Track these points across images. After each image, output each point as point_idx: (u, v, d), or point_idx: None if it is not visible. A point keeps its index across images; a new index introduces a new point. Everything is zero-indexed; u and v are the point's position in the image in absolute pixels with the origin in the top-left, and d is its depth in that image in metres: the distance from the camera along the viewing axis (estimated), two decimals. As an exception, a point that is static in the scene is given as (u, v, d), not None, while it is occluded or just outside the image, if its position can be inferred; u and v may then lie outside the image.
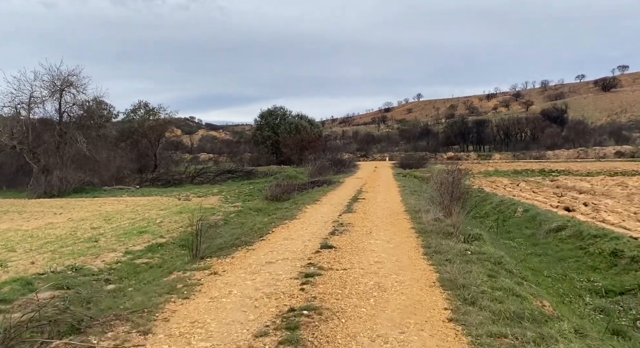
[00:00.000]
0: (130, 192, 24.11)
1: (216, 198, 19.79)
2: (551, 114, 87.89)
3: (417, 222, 9.58)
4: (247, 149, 73.66)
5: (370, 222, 9.64)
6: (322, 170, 32.00)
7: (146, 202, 19.07)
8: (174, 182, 29.45)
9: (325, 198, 15.27)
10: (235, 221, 13.50)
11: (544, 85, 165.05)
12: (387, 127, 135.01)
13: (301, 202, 14.69)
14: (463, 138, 77.64)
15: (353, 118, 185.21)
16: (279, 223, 9.79)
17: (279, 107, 53.19)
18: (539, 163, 44.98)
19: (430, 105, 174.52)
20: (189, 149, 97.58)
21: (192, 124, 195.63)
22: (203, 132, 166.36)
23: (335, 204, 13.38)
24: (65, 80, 22.97)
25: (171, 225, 12.16)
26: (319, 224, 9.51)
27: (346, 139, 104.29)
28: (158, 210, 16.11)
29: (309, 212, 11.81)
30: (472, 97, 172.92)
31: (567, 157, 55.42)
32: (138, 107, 33.24)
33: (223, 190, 23.92)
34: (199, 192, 22.84)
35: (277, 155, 52.62)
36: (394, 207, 12.53)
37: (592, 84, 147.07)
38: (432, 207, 10.76)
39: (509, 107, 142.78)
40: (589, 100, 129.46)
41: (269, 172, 32.09)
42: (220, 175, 30.84)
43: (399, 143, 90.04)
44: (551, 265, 8.65)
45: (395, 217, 10.57)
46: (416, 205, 12.52)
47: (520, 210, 13.41)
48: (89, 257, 8.05)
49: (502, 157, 60.00)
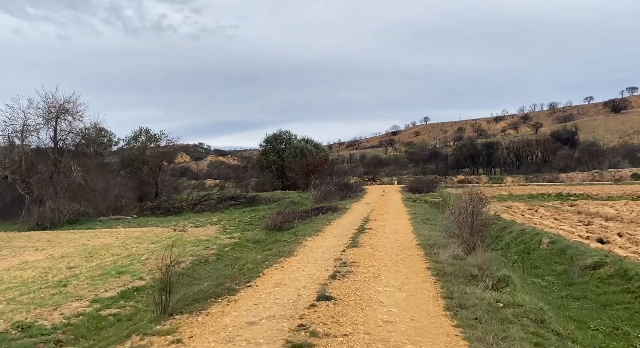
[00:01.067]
0: (126, 223, 23.00)
1: (214, 229, 18.59)
2: (562, 135, 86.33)
3: (433, 259, 8.27)
4: (254, 174, 72.84)
5: (378, 260, 8.35)
6: (327, 195, 30.79)
7: (139, 233, 17.92)
8: (174, 210, 28.35)
9: (328, 228, 14.01)
10: (230, 256, 12.26)
11: (552, 108, 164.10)
12: (394, 150, 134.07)
13: (302, 232, 13.43)
14: (473, 161, 76.22)
15: (360, 141, 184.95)
16: (273, 262, 8.54)
17: (284, 131, 52.49)
18: (553, 186, 43.34)
19: (438, 128, 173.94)
20: (196, 175, 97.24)
21: (201, 150, 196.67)
22: (211, 158, 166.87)
23: (339, 236, 12.10)
24: (60, 108, 22.31)
25: (157, 262, 10.93)
26: (318, 263, 8.24)
27: (353, 162, 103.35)
28: (149, 243, 14.92)
29: (309, 246, 10.54)
30: (480, 120, 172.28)
31: (582, 180, 53.61)
32: (139, 133, 32.59)
33: (223, 218, 22.74)
34: (198, 222, 21.67)
35: (282, 180, 51.56)
36: (405, 239, 11.22)
37: (601, 105, 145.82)
38: (449, 241, 9.47)
39: (518, 129, 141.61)
40: (600, 122, 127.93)
41: (273, 198, 30.93)
42: (222, 203, 29.71)
43: (407, 166, 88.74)
44: (595, 313, 7.25)
45: (407, 252, 9.27)
46: (430, 237, 11.20)
47: (546, 242, 12.01)
48: (47, 309, 6.83)
49: (515, 179, 58.29)
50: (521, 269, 10.53)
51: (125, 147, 32.80)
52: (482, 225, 9.16)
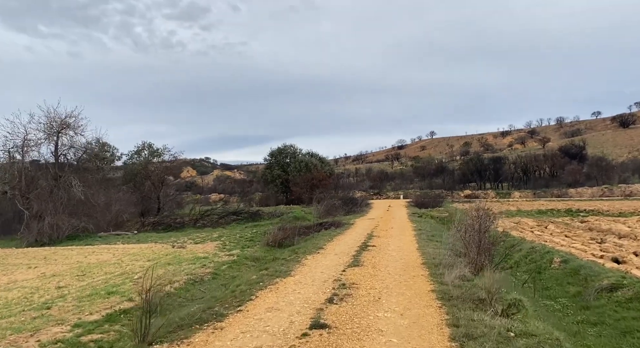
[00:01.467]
0: (126, 238, 22.64)
1: (213, 245, 18.15)
2: (570, 150, 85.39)
3: (438, 281, 7.75)
4: (259, 189, 72.49)
5: (380, 282, 7.85)
6: (331, 210, 30.29)
7: (137, 250, 17.51)
8: (176, 225, 28.00)
9: (330, 246, 13.51)
10: (226, 275, 11.80)
11: (559, 122, 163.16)
12: (400, 165, 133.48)
13: (303, 250, 12.95)
14: (480, 175, 75.41)
15: (366, 155, 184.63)
16: (268, 283, 8.07)
17: (289, 145, 52.26)
18: (562, 202, 42.51)
19: (444, 143, 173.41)
20: (201, 190, 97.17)
21: (207, 165, 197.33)
22: (218, 172, 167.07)
23: (340, 254, 11.60)
24: (62, 122, 22.19)
25: (149, 282, 10.47)
26: (316, 284, 7.76)
27: (359, 176, 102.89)
28: (145, 260, 14.50)
29: (308, 264, 10.06)
30: (487, 135, 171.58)
31: (591, 195, 52.67)
32: (142, 148, 32.45)
33: (224, 234, 22.31)
34: (198, 238, 21.26)
35: (287, 194, 51.14)
36: (410, 257, 10.70)
37: (609, 120, 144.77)
38: (455, 260, 8.96)
39: (525, 144, 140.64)
40: (608, 137, 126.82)
41: (276, 213, 30.48)
42: (224, 218, 29.30)
43: (413, 180, 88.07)
44: (615, 341, 6.68)
45: (410, 272, 8.76)
46: (436, 255, 10.67)
47: (558, 261, 11.42)
48: (24, 335, 6.39)
49: (522, 195, 57.45)
50: (532, 290, 9.96)
51: (128, 162, 32.67)
52: (490, 243, 8.65)
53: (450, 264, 8.84)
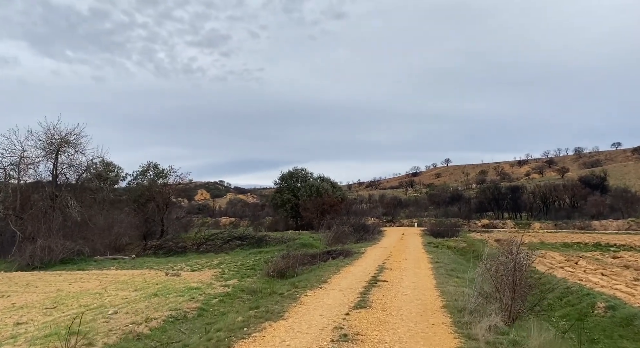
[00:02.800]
0: (122, 263, 21.35)
1: (211, 273, 16.70)
2: (591, 181, 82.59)
3: (465, 333, 6.19)
4: (270, 213, 71.22)
5: (391, 332, 6.32)
6: (341, 237, 28.68)
7: (128, 277, 16.16)
8: (177, 250, 26.70)
9: (336, 279, 11.98)
10: (215, 311, 10.32)
11: (578, 152, 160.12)
12: (415, 192, 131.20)
13: (304, 283, 11.44)
14: (497, 204, 73.02)
15: (380, 182, 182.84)
16: (253, 329, 6.60)
17: (299, 169, 51.13)
18: (587, 234, 40.10)
19: (459, 170, 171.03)
20: (212, 213, 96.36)
21: (221, 188, 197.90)
22: (231, 196, 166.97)
23: (346, 289, 10.07)
24: (62, 140, 21.38)
25: (125, 319, 9.07)
26: (311, 333, 6.27)
27: (372, 202, 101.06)
28: (131, 290, 13.13)
29: (306, 303, 8.56)
30: (503, 163, 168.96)
31: (617, 228, 49.92)
32: (147, 168, 31.57)
33: (225, 260, 20.86)
34: (197, 264, 19.84)
35: (297, 219, 49.67)
36: (427, 298, 9.12)
37: (629, 152, 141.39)
38: (483, 304, 7.38)
39: (543, 173, 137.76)
40: (630, 168, 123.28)
41: (283, 238, 28.97)
42: (229, 243, 27.91)
43: (427, 208, 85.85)
44: None
45: (429, 319, 7.20)
46: (458, 295, 9.08)
47: (602, 306, 9.70)
48: None
49: (543, 226, 54.84)
50: (576, 342, 8.27)
51: (133, 183, 31.79)
52: (528, 286, 7.08)
53: (478, 310, 7.27)
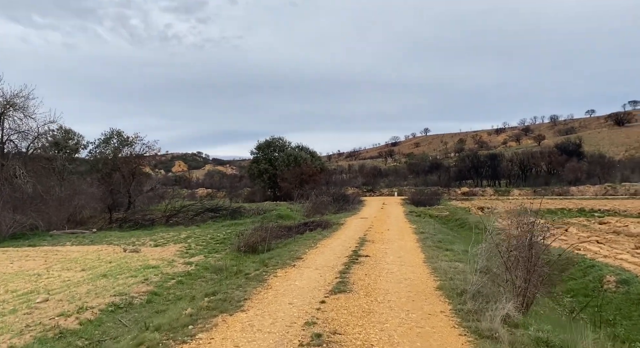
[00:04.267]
0: (80, 238, 19.52)
1: (175, 249, 15.14)
2: (567, 148, 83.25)
3: (473, 329, 4.82)
4: (248, 184, 69.52)
5: (378, 328, 4.91)
6: (320, 207, 27.35)
7: (81, 254, 14.44)
8: (145, 223, 24.92)
9: (311, 254, 10.57)
10: (170, 295, 8.81)
11: (553, 120, 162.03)
12: (394, 161, 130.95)
13: (276, 260, 9.99)
14: (476, 172, 72.93)
15: (360, 152, 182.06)
16: (201, 326, 5.10)
17: (277, 138, 49.19)
18: (568, 200, 39.97)
19: (438, 140, 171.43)
20: (188, 184, 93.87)
21: (199, 159, 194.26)
22: (209, 167, 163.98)
23: (323, 268, 8.67)
24: (7, 103, 18.95)
25: (55, 309, 7.46)
26: (274, 333, 4.81)
27: (352, 173, 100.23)
28: (78, 270, 11.47)
29: (275, 287, 7.11)
30: (481, 132, 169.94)
31: (594, 193, 50.24)
32: (110, 136, 29.13)
33: (194, 234, 19.28)
34: (162, 239, 18.20)
35: (274, 190, 48.12)
36: (417, 276, 7.78)
37: (603, 119, 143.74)
38: (489, 288, 6.05)
39: (520, 141, 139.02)
40: (604, 135, 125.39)
41: (259, 210, 27.48)
42: (201, 215, 26.27)
43: (407, 177, 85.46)
44: None
45: (423, 305, 5.84)
46: (452, 273, 7.77)
47: (613, 280, 8.58)
48: None
49: (522, 192, 54.85)
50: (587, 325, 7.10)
51: (94, 151, 29.39)
52: (545, 265, 5.75)
53: (481, 293, 5.94)
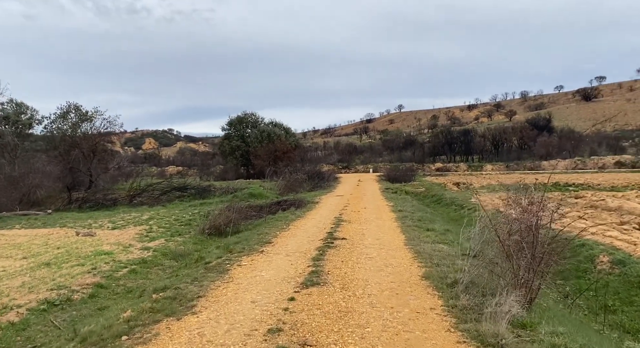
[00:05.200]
0: (32, 220, 17.92)
1: (135, 231, 13.89)
2: (538, 123, 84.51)
3: (472, 332, 3.96)
4: (220, 162, 67.68)
5: (358, 335, 4.00)
6: (294, 185, 26.37)
7: (28, 238, 13.03)
8: (107, 203, 23.36)
9: (282, 238, 9.61)
10: (118, 287, 7.71)
11: (523, 96, 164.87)
12: (369, 138, 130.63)
13: (242, 245, 8.98)
14: (450, 148, 73.23)
15: (335, 129, 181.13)
16: (137, 339, 4.06)
17: (249, 114, 47.39)
18: (540, 174, 40.23)
19: (412, 116, 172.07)
20: (157, 162, 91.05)
21: (170, 136, 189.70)
22: (181, 144, 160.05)
23: (294, 254, 7.73)
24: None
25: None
26: (231, 342, 3.82)
27: (327, 149, 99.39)
28: (19, 257, 10.17)
29: (237, 279, 6.12)
30: (453, 108, 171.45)
31: (565, 168, 51.10)
32: (67, 110, 26.98)
33: (158, 215, 17.99)
34: (123, 220, 16.84)
35: (247, 167, 46.72)
36: (400, 262, 6.93)
37: (571, 94, 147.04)
38: (484, 278, 5.24)
39: (491, 117, 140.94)
40: (572, 110, 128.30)
41: (230, 188, 26.23)
42: (168, 194, 24.85)
43: (382, 153, 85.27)
44: None
45: (409, 299, 4.98)
46: (438, 257, 6.95)
47: (607, 261, 7.98)
48: None
49: (495, 167, 55.36)
50: (585, 313, 6.46)
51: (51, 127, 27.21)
52: (552, 252, 4.96)
53: (475, 284, 5.12)
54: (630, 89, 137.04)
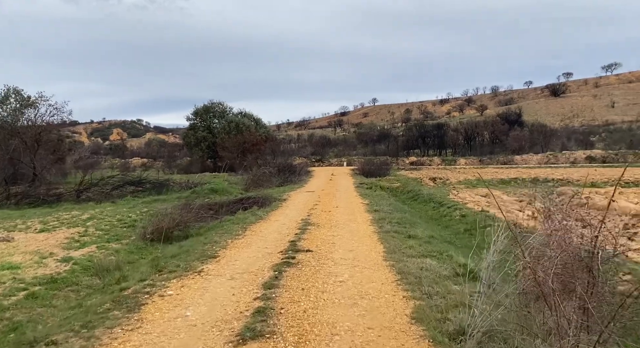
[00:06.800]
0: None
1: (65, 235, 11.71)
2: (509, 117, 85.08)
3: None
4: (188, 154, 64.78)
5: None
6: (261, 180, 24.40)
7: None
8: (50, 199, 20.84)
9: (233, 249, 7.77)
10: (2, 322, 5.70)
11: (494, 91, 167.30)
12: (343, 131, 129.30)
13: (179, 260, 7.09)
14: (424, 142, 72.65)
15: (309, 122, 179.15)
16: None
17: (217, 103, 44.83)
18: (516, 169, 39.70)
19: (386, 110, 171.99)
20: (122, 154, 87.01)
21: (140, 127, 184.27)
22: (151, 135, 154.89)
23: (242, 275, 5.91)
24: None
25: None
26: None
27: (301, 142, 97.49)
28: None
29: (147, 325, 4.26)
30: (426, 102, 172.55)
31: (538, 162, 51.01)
32: (7, 95, 24.02)
33: (102, 213, 15.72)
34: (58, 220, 14.51)
35: (215, 160, 44.31)
36: (378, 289, 5.22)
37: (539, 90, 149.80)
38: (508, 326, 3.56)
39: (463, 111, 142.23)
40: (541, 105, 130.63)
41: (190, 183, 24.04)
42: (120, 188, 22.47)
43: (356, 147, 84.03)
44: None
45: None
46: (427, 280, 5.28)
47: (627, 278, 6.51)
48: None
49: (468, 161, 54.86)
50: None
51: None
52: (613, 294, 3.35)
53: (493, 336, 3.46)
54: (596, 85, 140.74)
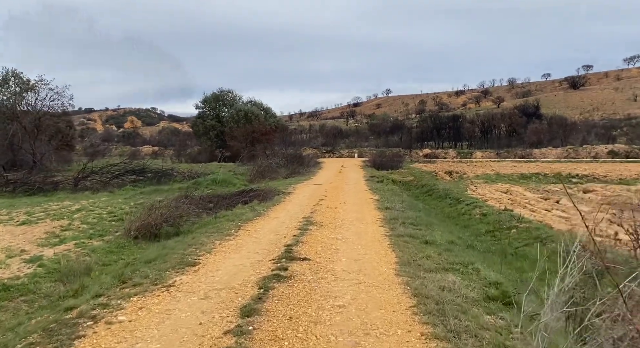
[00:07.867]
0: None
1: (46, 229, 10.72)
2: (527, 110, 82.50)
3: None
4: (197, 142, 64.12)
5: None
6: (267, 171, 23.29)
7: None
8: (46, 187, 20.02)
9: (220, 253, 6.64)
10: None
11: (511, 83, 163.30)
12: (356, 122, 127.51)
13: (153, 267, 5.97)
14: (438, 133, 70.77)
15: (321, 112, 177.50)
16: None
17: (226, 91, 43.69)
18: (535, 164, 37.95)
19: (399, 101, 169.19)
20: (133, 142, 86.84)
21: (154, 115, 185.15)
22: (165, 124, 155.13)
23: (219, 292, 4.77)
24: None
25: None
26: None
27: (312, 132, 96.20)
28: None
29: None
30: (441, 94, 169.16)
31: (557, 156, 49.04)
32: (5, 78, 23.16)
33: (95, 204, 14.74)
34: (45, 210, 13.56)
35: (223, 149, 43.30)
36: (388, 319, 4.03)
37: (557, 82, 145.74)
38: None
39: (479, 103, 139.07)
40: (560, 98, 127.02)
41: (193, 173, 23.02)
42: (120, 177, 21.56)
43: (368, 138, 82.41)
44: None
45: None
46: (452, 311, 4.06)
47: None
48: None
49: (485, 155, 53.03)
50: None
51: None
52: None
53: None
54: (617, 78, 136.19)
